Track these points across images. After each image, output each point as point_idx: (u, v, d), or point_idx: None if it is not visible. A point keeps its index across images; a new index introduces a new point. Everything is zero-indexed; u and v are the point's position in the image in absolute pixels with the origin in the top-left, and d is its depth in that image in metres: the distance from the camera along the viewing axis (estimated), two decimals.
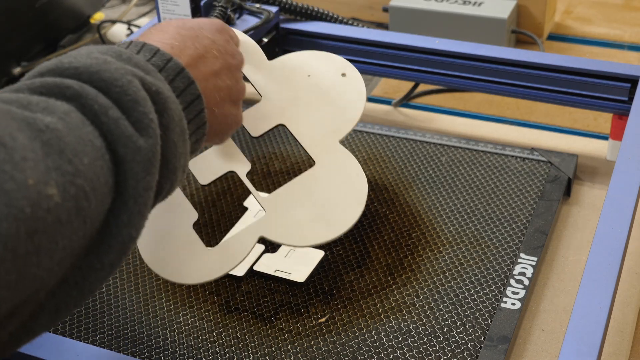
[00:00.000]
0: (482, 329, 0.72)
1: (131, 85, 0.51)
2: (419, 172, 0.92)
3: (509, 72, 0.98)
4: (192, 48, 0.63)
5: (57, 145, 0.46)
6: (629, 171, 0.76)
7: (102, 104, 0.50)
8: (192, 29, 0.65)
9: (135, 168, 0.50)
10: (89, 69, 0.51)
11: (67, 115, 0.48)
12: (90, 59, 0.52)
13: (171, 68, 0.58)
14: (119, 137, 0.49)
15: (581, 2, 1.42)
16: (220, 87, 0.64)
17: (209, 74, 0.64)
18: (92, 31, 1.39)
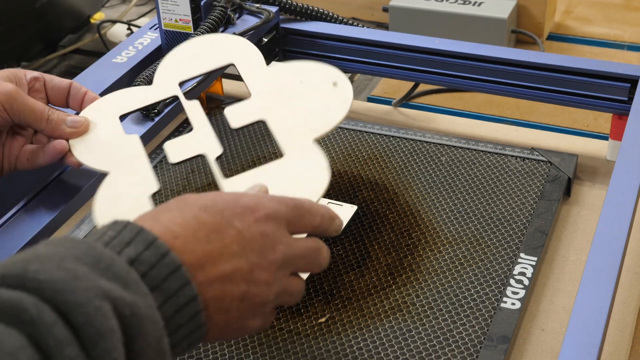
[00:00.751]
0: (482, 329, 0.72)
1: (98, 314, 0.44)
2: (419, 172, 0.92)
3: (509, 72, 0.98)
4: (204, 241, 0.53)
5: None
6: (629, 171, 0.76)
7: (59, 339, 0.43)
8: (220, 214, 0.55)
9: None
10: (54, 287, 0.44)
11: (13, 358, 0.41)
12: (60, 269, 0.45)
13: (165, 265, 0.50)
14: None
15: (581, 2, 1.42)
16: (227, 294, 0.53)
17: (215, 276, 0.53)
18: (92, 31, 1.39)
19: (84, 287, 0.45)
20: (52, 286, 0.44)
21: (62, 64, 1.30)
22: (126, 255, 0.50)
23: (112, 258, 0.48)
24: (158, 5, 0.98)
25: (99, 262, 0.48)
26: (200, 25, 0.97)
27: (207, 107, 1.06)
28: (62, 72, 1.29)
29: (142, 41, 1.01)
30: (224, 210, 0.55)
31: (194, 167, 0.95)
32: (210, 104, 1.07)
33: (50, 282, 0.44)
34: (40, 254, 0.47)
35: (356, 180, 0.91)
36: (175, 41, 0.99)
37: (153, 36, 1.02)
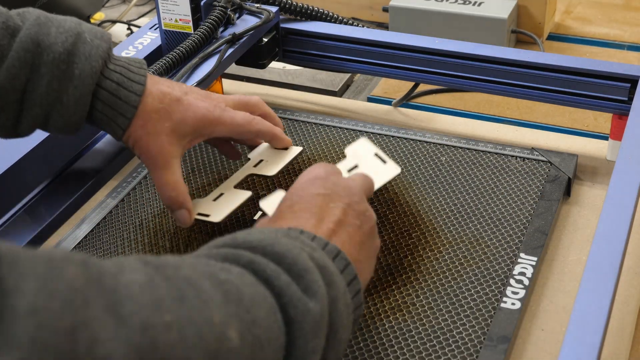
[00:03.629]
0: (482, 329, 0.72)
1: (301, 257, 0.54)
2: (419, 172, 0.92)
3: (509, 72, 0.98)
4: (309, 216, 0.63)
5: (235, 296, 0.49)
6: (629, 171, 0.76)
7: (274, 270, 0.53)
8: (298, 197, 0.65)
9: (304, 329, 0.52)
10: (262, 243, 0.55)
11: (242, 275, 0.52)
12: (262, 234, 0.56)
13: (330, 251, 0.59)
14: (289, 298, 0.52)
15: (581, 2, 1.42)
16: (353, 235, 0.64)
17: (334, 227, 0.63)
18: None
19: (285, 242, 0.55)
20: (260, 243, 0.55)
21: None
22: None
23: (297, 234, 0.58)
24: (158, 5, 0.98)
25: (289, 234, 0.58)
26: (200, 25, 0.97)
27: None
28: None
29: (142, 41, 1.01)
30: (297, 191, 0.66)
31: (194, 167, 0.95)
32: None
33: (257, 240, 0.55)
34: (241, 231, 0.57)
35: None
36: (175, 41, 0.99)
37: (153, 36, 1.02)
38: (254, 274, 0.53)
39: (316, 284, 0.54)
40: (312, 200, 0.64)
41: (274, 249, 0.54)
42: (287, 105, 1.11)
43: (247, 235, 0.56)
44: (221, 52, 0.95)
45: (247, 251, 0.54)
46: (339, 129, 1.00)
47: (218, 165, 0.95)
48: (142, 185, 0.92)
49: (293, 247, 0.55)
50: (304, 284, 0.53)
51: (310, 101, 1.13)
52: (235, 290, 0.50)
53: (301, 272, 0.54)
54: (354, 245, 0.63)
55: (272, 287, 0.52)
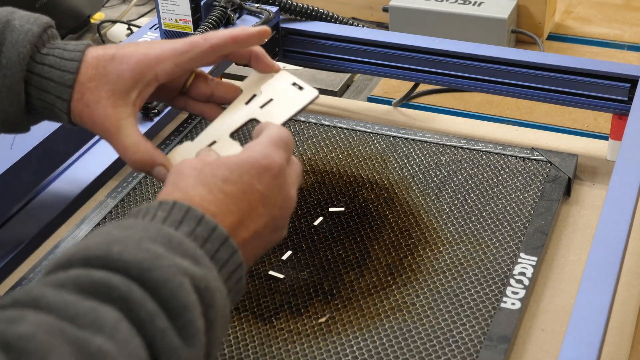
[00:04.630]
0: (482, 329, 0.72)
1: (181, 289, 0.49)
2: (419, 172, 0.92)
3: (509, 72, 0.98)
4: (236, 212, 0.58)
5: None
6: (629, 171, 0.76)
7: (149, 311, 0.48)
8: (240, 181, 0.60)
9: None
10: (140, 266, 0.49)
11: (116, 331, 0.46)
12: (141, 250, 0.50)
13: (216, 238, 0.55)
14: (163, 349, 0.48)
15: (581, 2, 1.42)
16: (258, 247, 0.61)
17: (249, 238, 0.59)
18: (92, 31, 1.39)
19: (166, 265, 0.50)
20: (137, 265, 0.49)
21: None
22: (183, 232, 0.54)
23: (180, 237, 0.53)
24: (158, 5, 0.98)
25: (171, 242, 0.52)
26: (200, 25, 0.97)
27: None
28: None
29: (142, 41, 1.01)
30: (243, 175, 0.60)
31: None
32: None
33: (135, 261, 0.49)
34: (118, 237, 0.51)
35: (356, 180, 0.91)
36: None
37: (153, 36, 1.02)
38: (128, 315, 0.47)
39: (194, 325, 0.49)
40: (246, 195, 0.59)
41: (152, 276, 0.49)
42: None
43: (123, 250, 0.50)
44: None
45: (121, 276, 0.48)
46: (339, 129, 1.00)
47: None
48: (142, 185, 0.92)
49: (174, 273, 0.50)
50: (181, 323, 0.49)
51: None
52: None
53: (179, 309, 0.49)
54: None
55: (146, 333, 0.47)
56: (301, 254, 0.82)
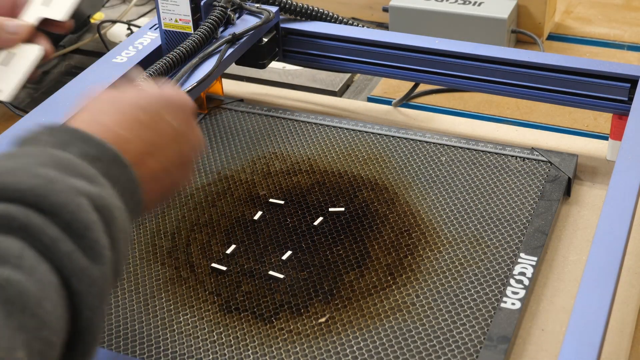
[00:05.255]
0: (482, 329, 0.72)
1: (81, 210, 0.49)
2: (419, 172, 0.92)
3: (509, 72, 0.98)
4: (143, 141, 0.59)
5: (19, 302, 0.44)
6: (629, 171, 0.76)
7: (52, 237, 0.47)
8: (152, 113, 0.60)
9: (90, 301, 0.48)
10: (35, 192, 0.48)
11: (21, 259, 0.46)
12: (34, 177, 0.49)
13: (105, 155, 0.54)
14: (72, 271, 0.47)
15: (581, 2, 1.42)
16: (166, 182, 0.61)
17: (157, 170, 0.59)
18: (92, 31, 1.39)
19: (61, 188, 0.49)
20: (32, 192, 0.48)
21: (62, 64, 1.30)
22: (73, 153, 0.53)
23: (70, 157, 0.52)
24: (158, 5, 0.98)
25: (61, 163, 0.51)
26: (200, 25, 0.97)
27: (207, 107, 1.06)
28: (62, 72, 1.29)
29: (142, 41, 1.01)
30: (159, 109, 0.61)
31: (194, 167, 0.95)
32: (210, 104, 1.07)
33: (30, 189, 0.48)
34: (9, 167, 0.50)
35: (356, 180, 0.91)
36: (175, 41, 0.99)
37: (153, 36, 1.02)
38: (31, 243, 0.47)
39: (98, 243, 0.49)
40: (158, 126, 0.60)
41: (49, 201, 0.48)
42: (287, 105, 1.11)
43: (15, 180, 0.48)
44: (221, 52, 0.95)
45: (18, 206, 0.47)
46: (339, 129, 1.00)
47: (218, 165, 0.95)
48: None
49: (70, 195, 0.49)
50: (86, 243, 0.49)
51: (310, 101, 1.13)
52: (17, 294, 0.44)
53: (82, 230, 0.48)
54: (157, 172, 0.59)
55: (52, 258, 0.47)
56: (301, 254, 0.82)
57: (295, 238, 0.84)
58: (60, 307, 0.47)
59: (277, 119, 1.03)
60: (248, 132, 1.01)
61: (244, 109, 1.05)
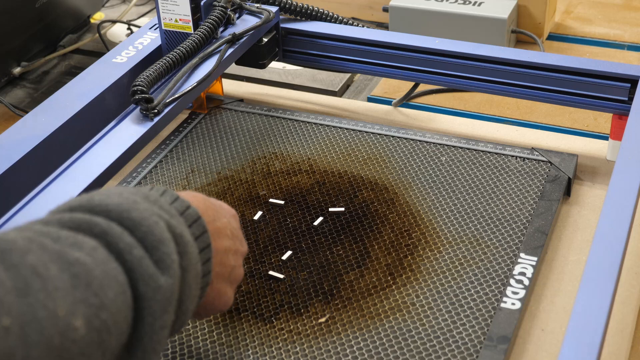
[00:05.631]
0: (482, 329, 0.72)
1: (157, 226, 0.54)
2: (419, 172, 0.92)
3: (509, 72, 0.98)
4: (212, 218, 0.64)
5: (84, 278, 0.48)
6: (629, 171, 0.76)
7: (127, 243, 0.52)
8: (217, 205, 0.67)
9: (153, 306, 0.52)
10: (119, 208, 0.54)
11: (94, 251, 0.50)
12: (121, 198, 0.55)
13: (190, 215, 0.60)
14: (141, 275, 0.51)
15: (581, 2, 1.42)
16: (225, 264, 0.65)
17: (219, 247, 0.64)
18: (92, 31, 1.39)
19: (143, 208, 0.55)
20: (117, 208, 0.54)
21: (62, 64, 1.30)
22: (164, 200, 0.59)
23: (157, 197, 0.58)
24: (158, 5, 0.98)
25: (149, 197, 0.57)
26: (200, 25, 0.97)
27: (207, 107, 1.06)
28: (62, 72, 1.29)
29: (142, 41, 1.01)
30: (216, 205, 0.67)
31: (194, 167, 0.95)
32: (210, 104, 1.07)
33: (115, 205, 0.54)
34: (100, 191, 0.56)
35: (356, 180, 0.91)
36: (175, 41, 0.99)
37: (153, 36, 1.02)
38: (107, 246, 0.52)
39: (169, 257, 0.53)
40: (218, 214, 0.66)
41: (130, 215, 0.54)
42: (287, 105, 1.11)
43: (105, 198, 0.55)
44: (221, 52, 0.95)
45: (102, 217, 0.53)
46: (339, 129, 1.00)
47: (218, 165, 0.95)
48: (142, 185, 0.92)
49: (150, 214, 0.54)
50: (157, 256, 0.53)
51: (310, 101, 1.13)
52: (84, 272, 0.49)
53: (155, 243, 0.53)
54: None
55: (124, 262, 0.51)
56: (301, 254, 0.82)
57: (295, 238, 0.84)
58: (122, 302, 0.50)
59: (277, 119, 1.03)
60: (248, 132, 1.01)
61: (244, 109, 1.05)
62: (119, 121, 0.87)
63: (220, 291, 0.65)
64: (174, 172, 0.94)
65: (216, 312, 0.66)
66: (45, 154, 0.83)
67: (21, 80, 1.25)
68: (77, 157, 0.84)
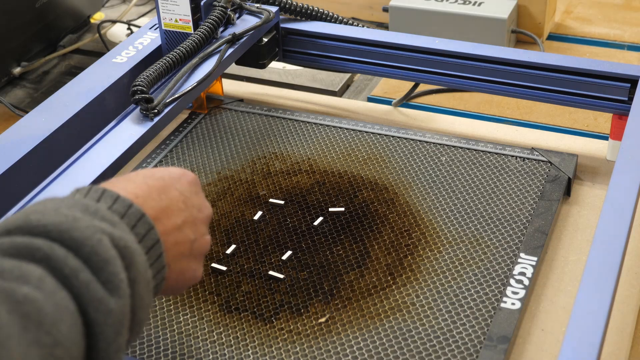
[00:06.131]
0: (482, 329, 0.72)
1: (101, 245, 0.51)
2: (419, 172, 0.92)
3: (509, 72, 0.98)
4: (157, 199, 0.61)
5: (35, 318, 0.46)
6: (629, 171, 0.76)
7: (72, 267, 0.50)
8: (161, 179, 0.63)
9: (106, 331, 0.50)
10: (59, 227, 0.51)
11: (41, 282, 0.48)
12: (59, 215, 0.52)
13: (132, 214, 0.57)
14: (90, 300, 0.49)
15: (581, 2, 1.42)
16: (182, 241, 0.62)
17: (170, 227, 0.61)
18: (92, 31, 1.39)
19: (85, 225, 0.52)
20: (56, 227, 0.51)
21: (62, 64, 1.30)
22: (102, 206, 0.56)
23: (96, 206, 0.55)
24: (158, 5, 0.98)
25: (88, 209, 0.54)
26: (200, 25, 0.97)
27: (207, 107, 1.06)
28: (62, 72, 1.29)
29: (142, 41, 1.01)
30: (163, 177, 0.63)
31: (193, 167, 0.95)
32: (210, 104, 1.07)
33: (54, 224, 0.51)
34: (35, 209, 0.53)
35: (356, 180, 0.91)
36: (175, 41, 0.99)
37: (153, 36, 1.02)
38: (52, 272, 0.49)
39: (117, 277, 0.51)
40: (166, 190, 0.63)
41: (71, 236, 0.51)
42: (287, 105, 1.11)
43: (41, 217, 0.52)
44: (221, 52, 0.95)
45: (42, 239, 0.50)
46: (339, 129, 1.00)
47: (218, 165, 0.95)
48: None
49: (93, 232, 0.52)
50: (105, 277, 0.51)
51: (310, 101, 1.13)
52: (34, 310, 0.46)
53: (101, 264, 0.51)
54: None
55: (71, 287, 0.49)
56: (301, 254, 0.82)
57: (295, 238, 0.84)
58: (75, 333, 0.48)
59: (277, 119, 1.03)
60: (248, 132, 1.01)
61: (244, 109, 1.05)
62: (119, 121, 0.87)
63: (182, 270, 0.62)
64: None
65: (185, 289, 0.64)
66: (45, 154, 0.83)
67: (21, 80, 1.26)
68: (77, 157, 0.84)
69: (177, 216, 0.62)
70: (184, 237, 0.62)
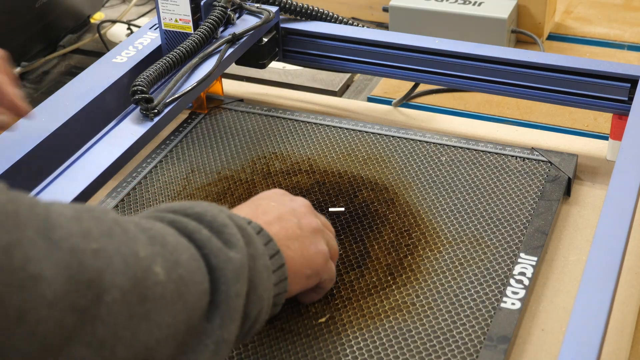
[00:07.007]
0: (482, 329, 0.72)
1: (220, 215, 0.60)
2: (419, 172, 0.92)
3: (509, 72, 0.98)
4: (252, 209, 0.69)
5: (160, 240, 0.53)
6: (629, 171, 0.76)
7: (195, 226, 0.58)
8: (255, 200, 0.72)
9: (227, 275, 0.56)
10: (182, 206, 0.60)
11: (165, 228, 0.56)
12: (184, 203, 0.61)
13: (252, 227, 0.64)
14: (210, 249, 0.57)
15: (581, 2, 1.42)
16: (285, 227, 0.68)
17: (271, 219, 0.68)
18: (92, 31, 1.39)
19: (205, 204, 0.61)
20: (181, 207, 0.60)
21: (62, 64, 1.30)
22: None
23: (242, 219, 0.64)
24: (158, 5, 0.98)
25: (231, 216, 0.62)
26: (200, 25, 0.97)
27: (207, 107, 1.06)
28: (62, 72, 1.29)
29: (142, 41, 1.01)
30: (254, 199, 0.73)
31: (194, 167, 0.95)
32: (210, 104, 1.07)
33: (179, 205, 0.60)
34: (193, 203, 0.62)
35: (356, 180, 0.91)
36: (175, 41, 0.99)
37: (153, 36, 1.02)
38: (177, 229, 0.57)
39: (235, 237, 0.58)
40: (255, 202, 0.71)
41: (194, 210, 0.59)
42: (287, 105, 1.11)
43: (169, 204, 0.61)
44: (221, 52, 0.95)
45: (169, 213, 0.59)
46: (339, 129, 1.00)
47: (218, 165, 0.95)
48: (142, 185, 0.92)
49: (212, 207, 0.60)
50: (224, 237, 0.58)
51: (310, 101, 1.13)
52: (159, 236, 0.54)
53: (220, 227, 0.58)
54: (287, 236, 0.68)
55: (194, 240, 0.57)
56: None
57: None
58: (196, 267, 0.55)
59: (277, 119, 1.03)
60: (248, 132, 1.01)
61: (244, 109, 1.05)
62: (119, 121, 0.87)
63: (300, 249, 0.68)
64: (174, 172, 0.94)
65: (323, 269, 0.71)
66: (45, 154, 0.83)
67: (21, 80, 1.26)
68: (77, 157, 0.84)
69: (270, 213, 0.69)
70: (287, 223, 0.69)
